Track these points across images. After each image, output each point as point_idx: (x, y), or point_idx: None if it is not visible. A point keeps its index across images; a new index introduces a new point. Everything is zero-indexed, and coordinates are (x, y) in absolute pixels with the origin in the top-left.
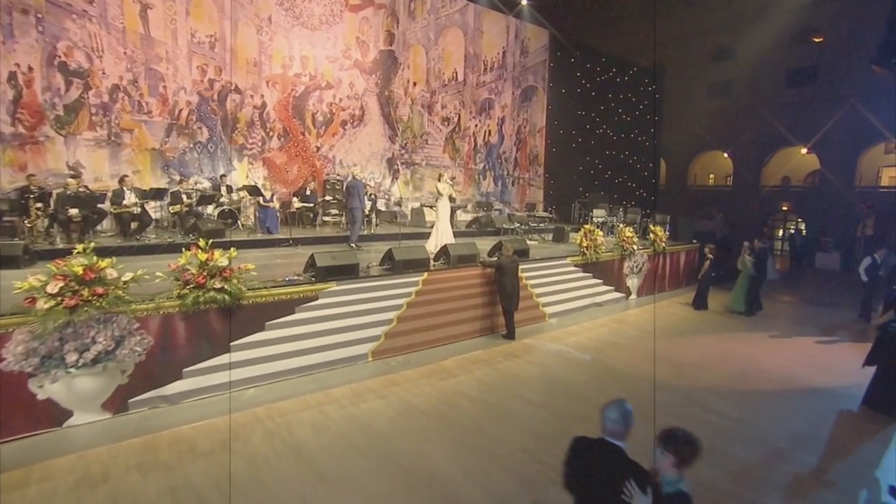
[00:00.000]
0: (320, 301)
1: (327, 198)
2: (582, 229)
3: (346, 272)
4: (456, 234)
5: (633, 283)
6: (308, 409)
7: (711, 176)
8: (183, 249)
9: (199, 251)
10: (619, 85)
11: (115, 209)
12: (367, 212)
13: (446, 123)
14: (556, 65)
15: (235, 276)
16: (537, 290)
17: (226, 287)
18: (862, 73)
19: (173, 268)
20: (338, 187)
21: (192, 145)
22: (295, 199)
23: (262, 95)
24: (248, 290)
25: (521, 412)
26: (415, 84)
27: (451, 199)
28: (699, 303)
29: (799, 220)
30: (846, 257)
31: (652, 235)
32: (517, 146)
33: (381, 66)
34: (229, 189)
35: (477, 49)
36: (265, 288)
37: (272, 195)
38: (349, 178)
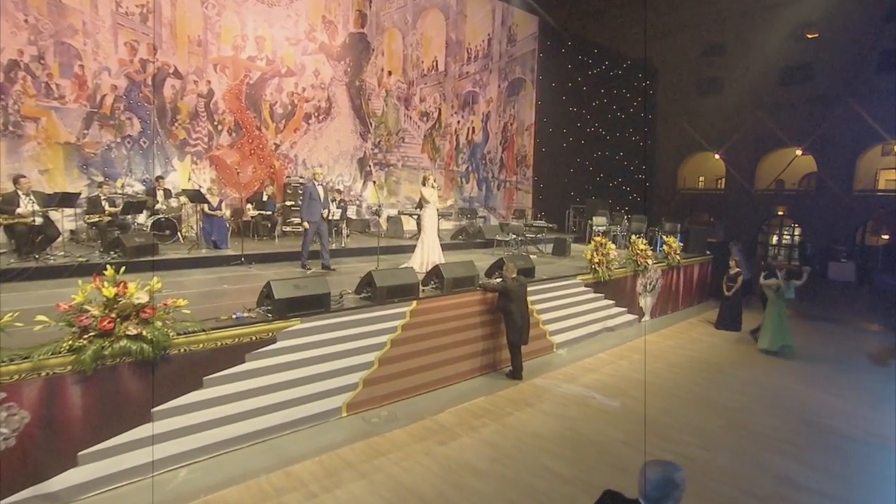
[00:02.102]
0: (279, 344)
1: (288, 203)
2: (592, 242)
3: (314, 305)
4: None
5: (646, 302)
6: (263, 501)
7: (701, 179)
8: (80, 283)
9: (105, 284)
10: (611, 79)
11: (5, 219)
12: (326, 217)
13: (425, 119)
14: (545, 55)
15: (160, 315)
16: (544, 316)
17: (145, 333)
18: (859, 70)
19: (65, 309)
20: (301, 192)
21: (119, 140)
22: (249, 206)
23: (209, 81)
24: (179, 334)
25: (551, 493)
26: (390, 73)
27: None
28: (730, 322)
29: (794, 224)
30: (862, 267)
31: (665, 247)
32: (503, 146)
33: (352, 52)
34: (167, 194)
35: (460, 35)
36: (204, 331)
37: (220, 201)
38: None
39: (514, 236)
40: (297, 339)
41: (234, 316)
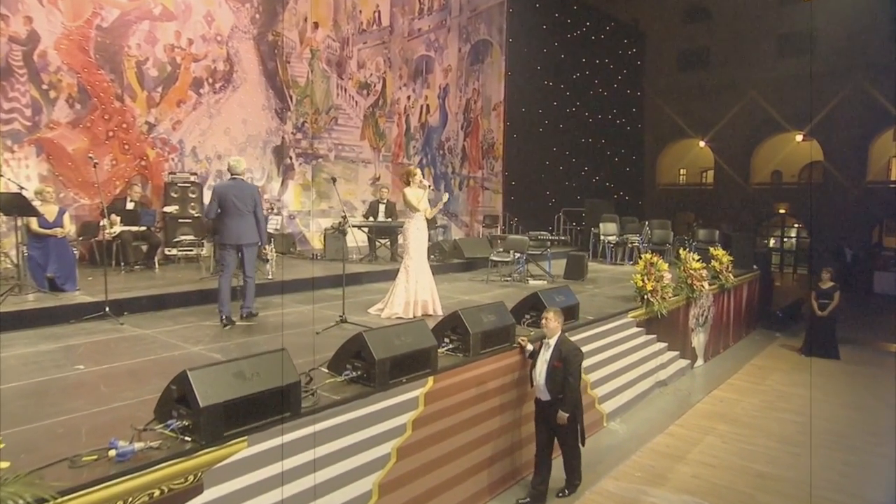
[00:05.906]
0: (209, 495)
1: (169, 209)
2: (641, 262)
3: (270, 407)
4: None
5: (699, 340)
6: None
7: (682, 171)
8: None
9: None
10: (594, 45)
11: None
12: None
13: (365, 92)
14: (516, 11)
15: None
16: (590, 376)
17: None
18: (869, 40)
19: None
20: (192, 194)
21: None
22: (105, 221)
23: (30, 19)
24: None
25: None
26: (316, 26)
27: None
28: (824, 348)
29: (797, 224)
30: None
31: (715, 263)
32: (465, 130)
33: None
34: None
35: None
36: (46, 501)
37: (61, 212)
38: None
39: (518, 255)
40: (243, 477)
41: (112, 451)
